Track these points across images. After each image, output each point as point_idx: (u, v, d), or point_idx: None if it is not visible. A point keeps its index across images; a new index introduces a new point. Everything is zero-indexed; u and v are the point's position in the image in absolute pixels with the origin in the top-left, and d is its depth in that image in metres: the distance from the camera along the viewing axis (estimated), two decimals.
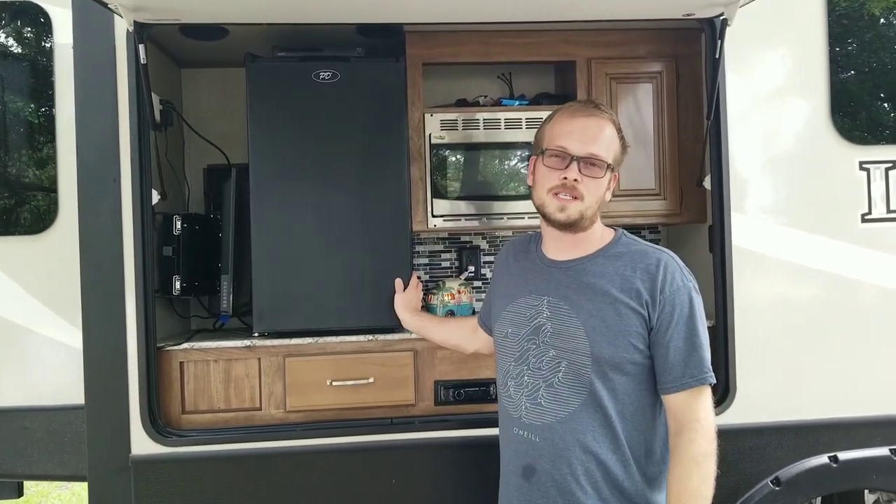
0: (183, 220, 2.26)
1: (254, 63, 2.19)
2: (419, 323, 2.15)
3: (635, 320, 1.53)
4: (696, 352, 1.52)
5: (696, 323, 1.53)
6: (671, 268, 1.56)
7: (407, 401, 2.23)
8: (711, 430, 1.50)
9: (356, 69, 2.21)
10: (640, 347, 1.54)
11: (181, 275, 2.25)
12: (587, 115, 1.61)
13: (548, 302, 1.62)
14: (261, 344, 2.19)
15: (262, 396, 2.19)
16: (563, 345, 1.58)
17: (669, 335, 1.52)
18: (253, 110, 2.18)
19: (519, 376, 1.64)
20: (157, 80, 2.39)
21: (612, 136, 1.62)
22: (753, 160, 2.31)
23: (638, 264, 1.57)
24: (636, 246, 1.63)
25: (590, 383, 1.55)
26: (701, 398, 1.51)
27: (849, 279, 2.31)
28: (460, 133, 2.47)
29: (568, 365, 1.57)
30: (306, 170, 2.19)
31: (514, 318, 1.68)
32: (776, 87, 2.34)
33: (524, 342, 1.65)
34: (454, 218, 2.48)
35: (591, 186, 1.58)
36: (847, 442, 2.29)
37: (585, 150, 1.57)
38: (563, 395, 1.57)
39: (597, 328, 1.54)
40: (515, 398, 1.65)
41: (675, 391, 1.52)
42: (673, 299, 1.53)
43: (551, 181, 1.59)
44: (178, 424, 2.17)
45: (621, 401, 1.55)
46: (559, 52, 2.51)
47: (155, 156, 2.16)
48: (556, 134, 1.61)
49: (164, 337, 2.29)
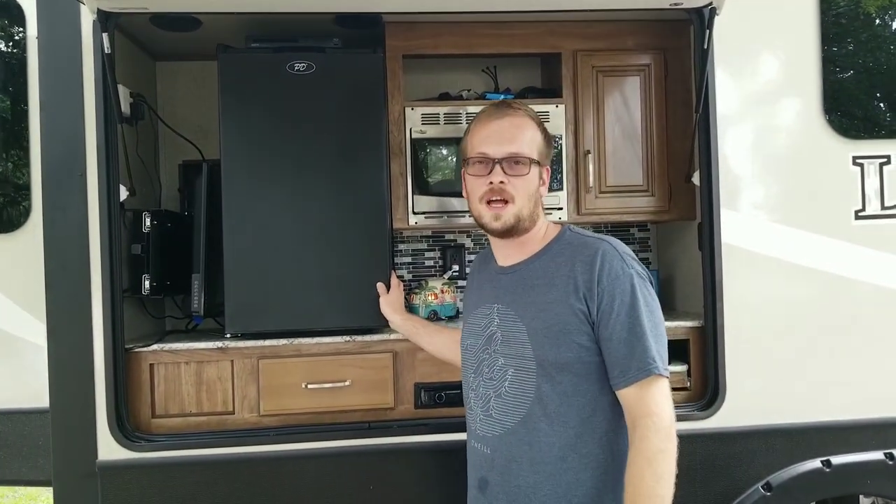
0: (153, 217, 2.18)
1: (225, 54, 2.11)
2: (410, 328, 2.08)
3: (576, 318, 1.45)
4: (639, 342, 1.42)
5: (639, 311, 1.43)
6: (609, 255, 1.47)
7: (386, 404, 2.15)
8: (666, 423, 1.39)
9: (332, 60, 2.13)
10: (587, 345, 1.46)
11: (151, 274, 2.17)
12: (500, 115, 1.57)
13: (497, 309, 1.58)
14: (233, 345, 2.12)
15: (235, 400, 2.12)
16: (509, 351, 1.53)
17: (612, 327, 1.43)
18: (225, 103, 2.11)
19: (476, 388, 1.60)
20: (129, 73, 2.33)
21: (532, 131, 1.57)
22: (744, 155, 2.25)
23: (577, 257, 1.50)
24: (580, 239, 1.56)
25: (536, 389, 1.48)
26: (652, 391, 1.41)
27: (842, 278, 2.25)
28: (442, 127, 2.41)
29: (514, 372, 1.52)
30: (280, 165, 2.11)
31: (472, 329, 1.66)
32: (767, 80, 2.28)
33: (480, 353, 1.61)
34: (436, 215, 2.41)
35: (519, 186, 1.53)
36: (840, 445, 2.23)
37: (505, 150, 1.53)
38: (510, 404, 1.52)
39: (539, 330, 1.48)
40: (474, 410, 1.61)
41: (624, 386, 1.43)
42: (612, 288, 1.44)
43: (479, 189, 1.56)
44: (147, 429, 2.09)
45: (574, 404, 1.47)
46: (544, 45, 2.44)
47: (123, 150, 2.08)
48: (476, 142, 1.58)
49: (136, 338, 2.22)
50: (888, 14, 2.44)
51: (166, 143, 2.62)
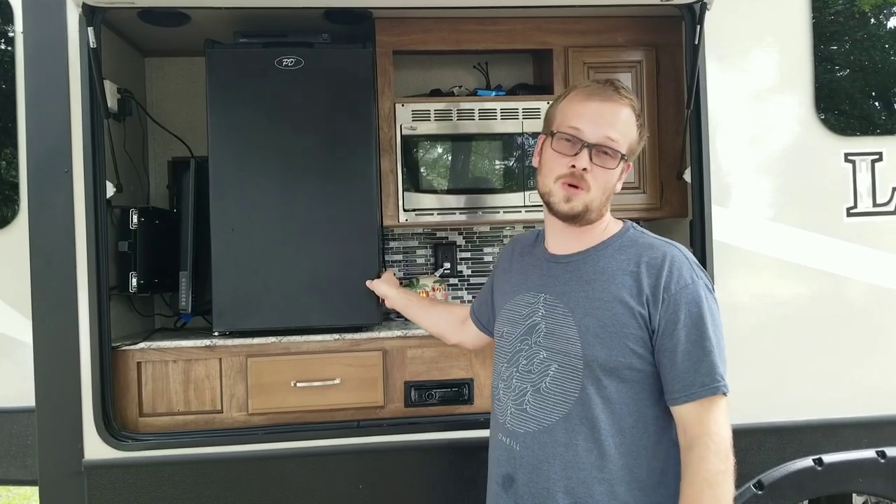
0: (140, 213, 2.16)
1: (213, 49, 2.09)
2: (405, 300, 2.03)
3: (634, 321, 1.38)
4: (706, 357, 1.35)
5: (706, 324, 1.36)
6: (678, 262, 1.40)
7: (375, 402, 2.13)
8: (726, 445, 1.33)
9: (321, 55, 2.11)
10: (640, 352, 1.38)
11: (138, 271, 2.15)
12: (604, 97, 1.44)
13: (544, 300, 1.49)
14: (221, 343, 2.10)
15: (224, 398, 2.10)
16: (554, 346, 1.44)
17: (676, 339, 1.36)
18: (212, 99, 2.09)
19: (508, 379, 1.51)
20: (117, 68, 2.31)
21: (630, 123, 1.46)
22: (735, 153, 2.22)
23: (642, 258, 1.42)
24: (644, 238, 1.48)
25: (580, 389, 1.40)
26: (714, 410, 1.34)
27: (834, 275, 2.23)
28: (433, 124, 2.39)
29: (558, 368, 1.43)
30: (269, 161, 2.10)
31: (510, 316, 1.56)
32: (760, 76, 2.25)
33: (517, 342, 1.51)
34: (426, 212, 2.39)
35: (600, 177, 1.42)
36: (832, 444, 2.21)
37: (599, 135, 1.41)
38: (549, 401, 1.43)
39: (591, 328, 1.40)
40: (503, 402, 1.52)
41: (684, 402, 1.35)
42: (679, 298, 1.36)
43: (559, 167, 1.43)
44: (134, 428, 2.07)
45: (617, 412, 1.39)
46: (534, 40, 2.42)
47: (110, 146, 2.06)
48: (570, 116, 1.44)
49: (123, 336, 2.21)
50: (882, 13, 2.43)
51: (155, 140, 2.60)
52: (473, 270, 2.80)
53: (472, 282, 2.80)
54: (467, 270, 2.80)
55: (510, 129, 2.40)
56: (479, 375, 2.17)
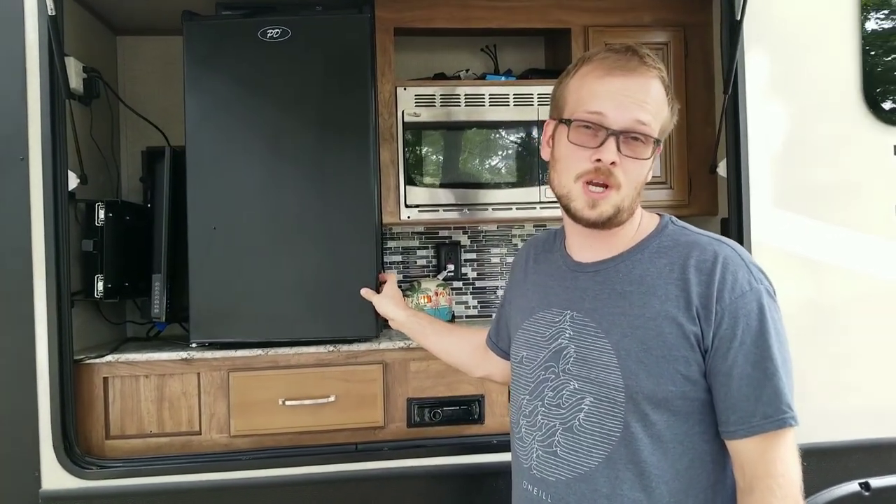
0: (108, 208, 1.92)
1: (191, 22, 1.84)
2: (416, 324, 1.72)
3: (684, 340, 1.13)
4: (769, 381, 1.10)
5: (770, 340, 1.11)
6: (733, 263, 1.14)
7: (375, 423, 1.92)
8: (794, 490, 1.10)
9: (311, 24, 1.85)
10: (694, 377, 1.13)
11: (105, 274, 1.90)
12: (627, 69, 1.15)
13: (571, 317, 1.23)
14: (200, 356, 1.87)
15: (202, 418, 1.89)
16: (588, 374, 1.19)
17: (732, 359, 1.11)
18: (190, 79, 1.84)
19: (532, 414, 1.25)
20: (85, 47, 2.09)
21: (661, 99, 1.18)
22: (771, 144, 2.01)
23: (689, 261, 1.16)
24: (687, 236, 1.21)
25: (623, 427, 1.15)
26: (778, 445, 1.10)
27: (884, 280, 2.02)
28: (438, 110, 2.17)
29: (594, 402, 1.17)
30: (253, 150, 1.85)
31: (530, 338, 1.30)
32: (798, 61, 2.04)
33: (540, 370, 1.26)
34: (431, 209, 2.17)
35: (631, 171, 1.16)
36: (881, 467, 2.01)
37: (627, 118, 1.14)
38: (585, 442, 1.18)
39: (633, 352, 1.15)
40: (527, 443, 1.26)
41: (743, 436, 1.11)
42: (736, 308, 1.11)
43: (579, 165, 1.17)
44: (100, 452, 1.86)
45: (670, 451, 1.15)
46: (551, 19, 2.22)
47: (72, 131, 1.81)
48: (586, 97, 1.17)
49: (88, 347, 1.99)
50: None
51: (128, 127, 2.36)
52: (479, 273, 2.57)
53: (478, 285, 2.57)
54: (472, 273, 2.57)
55: (524, 117, 2.18)
56: (491, 391, 1.96)
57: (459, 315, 2.55)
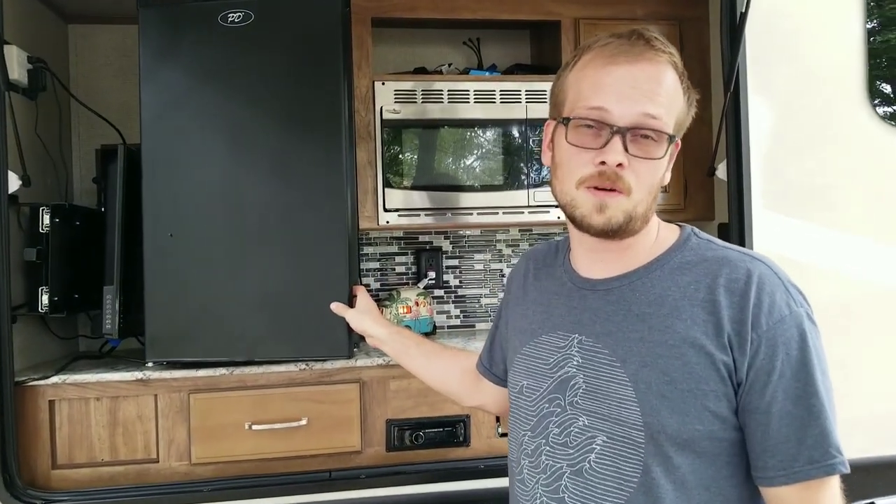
0: (54, 213, 1.74)
1: (147, 8, 1.67)
2: (399, 344, 1.50)
3: (714, 372, 0.98)
4: (815, 420, 0.96)
5: (813, 373, 0.98)
6: (770, 285, 1.00)
7: (351, 447, 1.79)
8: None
9: (277, 7, 1.67)
10: (724, 414, 0.99)
11: (51, 285, 1.72)
12: (633, 56, 0.99)
13: (579, 342, 1.08)
14: (158, 376, 1.71)
15: (160, 445, 1.75)
16: (600, 409, 1.04)
17: (771, 394, 0.97)
18: (146, 70, 1.67)
19: (535, 454, 1.10)
20: (30, 35, 1.92)
21: (675, 89, 1.03)
22: (772, 146, 1.90)
23: (718, 280, 1.01)
24: (714, 251, 1.07)
25: (643, 471, 1.00)
26: (823, 494, 0.96)
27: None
28: (419, 107, 2.03)
29: (608, 441, 1.02)
30: (213, 148, 1.66)
31: (531, 365, 1.15)
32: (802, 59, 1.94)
33: (543, 402, 1.10)
34: (411, 213, 2.03)
35: (643, 173, 1.01)
36: (886, 485, 1.92)
37: (635, 112, 0.99)
38: (598, 488, 1.04)
39: (653, 385, 1.00)
40: (530, 486, 1.11)
41: (783, 483, 0.97)
42: (774, 336, 0.97)
43: (581, 167, 1.02)
44: (45, 484, 1.72)
45: (694, 498, 1.00)
46: (540, 10, 2.10)
47: (13, 127, 1.63)
48: (587, 90, 1.02)
49: (34, 366, 1.84)
50: None
51: (80, 124, 2.18)
52: (462, 280, 2.43)
53: (461, 293, 2.42)
54: (455, 280, 2.42)
55: (511, 115, 2.04)
56: (477, 411, 1.80)
57: (441, 326, 2.40)
